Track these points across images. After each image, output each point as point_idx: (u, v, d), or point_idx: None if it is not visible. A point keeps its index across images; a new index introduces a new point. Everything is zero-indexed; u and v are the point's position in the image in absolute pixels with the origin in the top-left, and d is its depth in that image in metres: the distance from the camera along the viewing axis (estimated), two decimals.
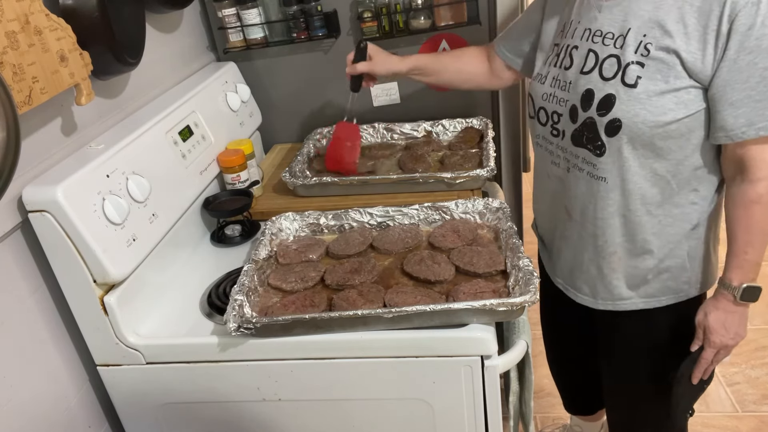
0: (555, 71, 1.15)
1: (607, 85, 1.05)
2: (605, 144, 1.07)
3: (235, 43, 1.73)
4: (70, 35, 1.05)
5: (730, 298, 1.08)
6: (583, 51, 1.09)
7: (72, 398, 1.16)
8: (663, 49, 0.99)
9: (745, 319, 1.10)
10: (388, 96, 1.80)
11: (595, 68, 1.07)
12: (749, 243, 1.04)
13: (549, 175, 1.23)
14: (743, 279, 1.06)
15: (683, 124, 1.02)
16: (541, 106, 1.19)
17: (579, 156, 1.12)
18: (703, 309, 1.13)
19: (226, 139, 1.57)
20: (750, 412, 1.95)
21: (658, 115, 1.01)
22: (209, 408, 1.18)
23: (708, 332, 1.12)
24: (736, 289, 1.07)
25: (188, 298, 1.24)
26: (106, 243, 1.06)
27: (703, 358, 1.14)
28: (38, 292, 1.09)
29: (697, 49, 0.97)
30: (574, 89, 1.10)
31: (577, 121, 1.10)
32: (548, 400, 2.09)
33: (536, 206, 1.37)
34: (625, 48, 1.03)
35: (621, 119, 1.03)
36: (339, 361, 1.09)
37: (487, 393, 1.09)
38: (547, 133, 1.19)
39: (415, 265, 1.19)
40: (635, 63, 1.02)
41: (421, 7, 1.66)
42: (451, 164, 1.55)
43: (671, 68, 0.99)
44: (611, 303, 1.22)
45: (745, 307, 1.09)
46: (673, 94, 1.00)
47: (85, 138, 1.21)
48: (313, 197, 1.51)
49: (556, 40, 1.18)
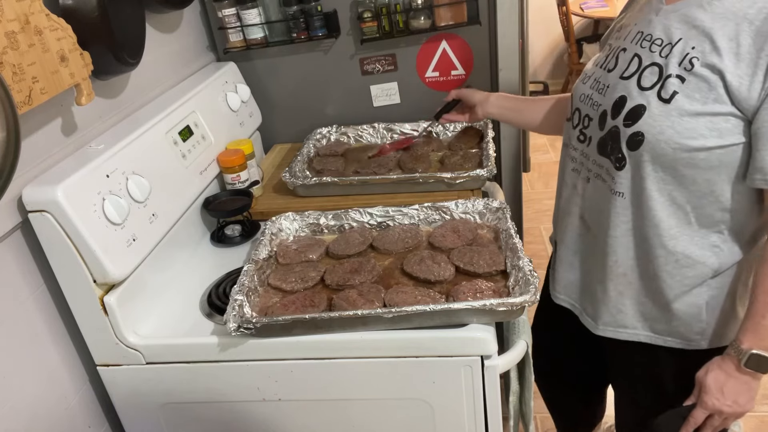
0: (599, 72, 1.07)
1: (641, 95, 0.96)
2: (626, 157, 0.99)
3: (235, 43, 1.73)
4: (70, 35, 1.05)
5: (734, 362, 0.97)
6: (629, 54, 1.01)
7: (72, 398, 1.16)
8: (708, 67, 0.89)
9: (750, 389, 0.98)
10: (388, 96, 1.80)
11: (635, 75, 0.98)
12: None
13: (567, 182, 1.16)
14: (753, 344, 0.94)
15: (714, 154, 0.91)
16: (576, 107, 1.12)
17: (603, 166, 1.05)
18: (707, 366, 1.02)
19: (226, 139, 1.57)
20: (750, 412, 1.95)
21: (686, 137, 0.91)
22: (209, 408, 1.18)
23: (703, 391, 1.01)
24: (742, 354, 0.95)
25: (188, 298, 1.24)
26: (106, 243, 1.06)
27: (691, 416, 1.04)
28: (38, 292, 1.09)
29: (745, 74, 0.86)
30: (610, 93, 1.02)
31: (604, 128, 1.03)
32: None
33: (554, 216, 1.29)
34: (670, 58, 0.94)
35: (645, 134, 0.95)
36: (339, 361, 1.09)
37: (487, 393, 1.09)
38: (575, 137, 1.12)
39: (415, 265, 1.19)
40: (676, 76, 0.92)
41: (421, 7, 1.66)
42: (451, 164, 1.55)
43: (712, 89, 0.89)
44: (612, 330, 1.14)
45: (751, 376, 0.97)
46: (708, 118, 0.90)
47: (85, 138, 1.21)
48: (313, 197, 1.51)
49: (611, 40, 1.11)
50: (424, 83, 1.78)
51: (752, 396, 0.99)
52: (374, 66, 1.76)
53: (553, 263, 1.30)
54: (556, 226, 1.28)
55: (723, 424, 1.04)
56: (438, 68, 1.75)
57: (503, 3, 1.64)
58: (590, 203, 1.11)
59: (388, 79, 1.78)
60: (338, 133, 1.77)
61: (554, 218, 1.30)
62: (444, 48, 1.72)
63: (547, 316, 1.41)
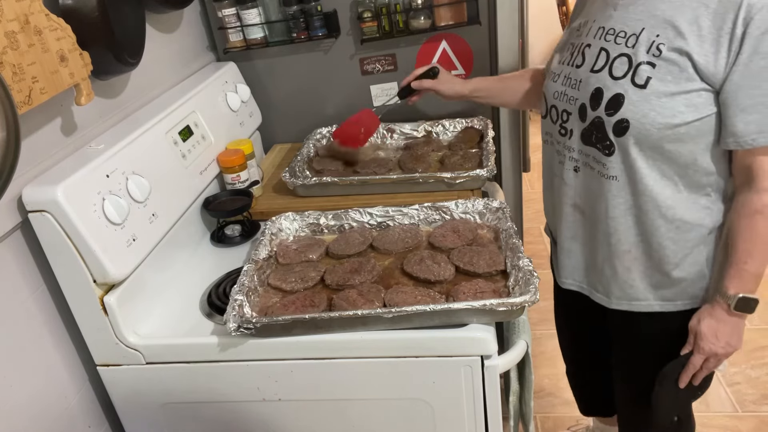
0: (567, 69, 1.15)
1: (616, 84, 1.04)
2: (614, 144, 1.06)
3: (235, 43, 1.73)
4: (70, 35, 1.05)
5: (724, 307, 1.07)
6: (595, 49, 1.09)
7: (72, 398, 1.16)
8: (675, 51, 0.98)
9: (739, 329, 1.09)
10: (388, 96, 1.80)
11: (606, 67, 1.06)
12: (749, 253, 1.03)
13: (556, 174, 1.23)
14: (740, 289, 1.04)
15: (693, 127, 1.00)
16: (552, 104, 1.19)
17: (590, 155, 1.12)
18: (698, 315, 1.12)
19: (226, 139, 1.57)
20: (750, 412, 1.95)
21: (667, 117, 1.00)
22: (209, 408, 1.18)
23: (698, 338, 1.11)
24: (731, 298, 1.05)
25: (188, 298, 1.24)
26: (106, 243, 1.06)
27: (690, 363, 1.13)
28: (38, 292, 1.09)
29: (710, 52, 0.96)
30: (584, 87, 1.09)
31: (586, 120, 1.10)
32: (548, 400, 2.09)
33: (546, 206, 1.36)
34: (637, 47, 1.02)
35: (629, 120, 1.02)
36: (339, 361, 1.09)
37: (487, 393, 1.09)
38: (556, 131, 1.19)
39: (415, 265, 1.19)
40: (646, 63, 1.01)
41: (421, 7, 1.66)
42: (451, 164, 1.55)
43: (683, 70, 0.98)
44: (626, 303, 1.20)
45: (740, 317, 1.07)
46: (683, 96, 0.99)
47: (85, 138, 1.21)
48: (313, 197, 1.51)
49: (572, 39, 1.18)
50: None
51: (741, 335, 1.10)
52: (374, 66, 1.76)
53: (553, 252, 1.37)
54: (549, 217, 1.35)
55: (716, 365, 1.13)
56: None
57: (503, 3, 1.64)
58: (582, 191, 1.17)
59: (388, 79, 1.78)
60: None
61: (546, 211, 1.36)
62: (444, 48, 1.72)
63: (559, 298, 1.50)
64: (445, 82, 1.50)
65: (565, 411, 2.02)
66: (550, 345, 2.28)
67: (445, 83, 1.50)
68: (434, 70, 1.51)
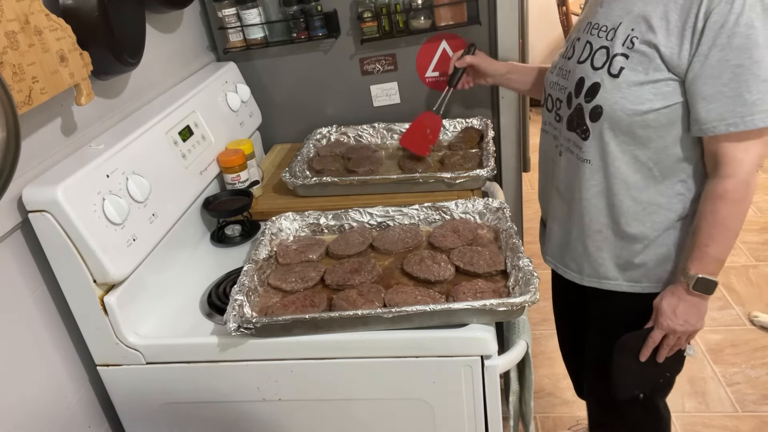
0: (561, 61, 1.24)
1: (595, 74, 1.12)
2: (589, 129, 1.13)
3: (235, 43, 1.73)
4: (70, 35, 1.05)
5: (684, 286, 1.12)
6: (582, 42, 1.18)
7: (72, 398, 1.16)
8: (645, 43, 1.05)
9: (698, 309, 1.13)
10: (388, 96, 1.80)
11: (589, 58, 1.14)
12: (711, 237, 1.07)
13: (551, 159, 1.30)
14: (700, 270, 1.09)
15: (662, 114, 1.06)
16: (549, 93, 1.28)
17: (570, 140, 1.20)
18: (662, 293, 1.17)
19: (226, 139, 1.57)
20: (750, 412, 1.95)
21: (636, 104, 1.06)
22: (209, 408, 1.18)
23: (659, 314, 1.16)
24: (690, 278, 1.10)
25: (188, 298, 1.24)
26: (106, 243, 1.06)
27: (650, 337, 1.19)
28: (38, 292, 1.09)
29: (675, 44, 1.02)
30: (571, 77, 1.18)
31: (571, 107, 1.18)
32: (548, 400, 2.09)
33: (539, 193, 1.42)
34: (615, 40, 1.10)
35: (602, 106, 1.10)
36: (339, 361, 1.09)
37: (487, 393, 1.09)
38: (552, 119, 1.27)
39: (415, 265, 1.19)
40: (620, 54, 1.08)
41: (421, 7, 1.66)
42: (451, 164, 1.55)
43: (651, 61, 1.05)
44: (596, 281, 1.27)
45: (700, 298, 1.12)
46: (651, 85, 1.05)
47: (85, 138, 1.21)
48: (313, 197, 1.51)
49: (572, 35, 1.26)
50: (424, 83, 1.78)
51: (701, 316, 1.15)
52: (374, 66, 1.76)
53: (542, 233, 1.45)
54: (542, 202, 1.42)
55: (678, 343, 1.18)
56: (438, 68, 1.75)
57: (503, 3, 1.64)
58: (564, 174, 1.24)
59: (388, 79, 1.78)
60: (338, 133, 1.77)
61: (539, 196, 1.43)
62: (444, 48, 1.72)
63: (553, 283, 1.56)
64: (485, 59, 1.55)
65: (565, 411, 2.03)
66: (550, 345, 2.28)
67: (485, 59, 1.55)
68: (473, 47, 1.56)
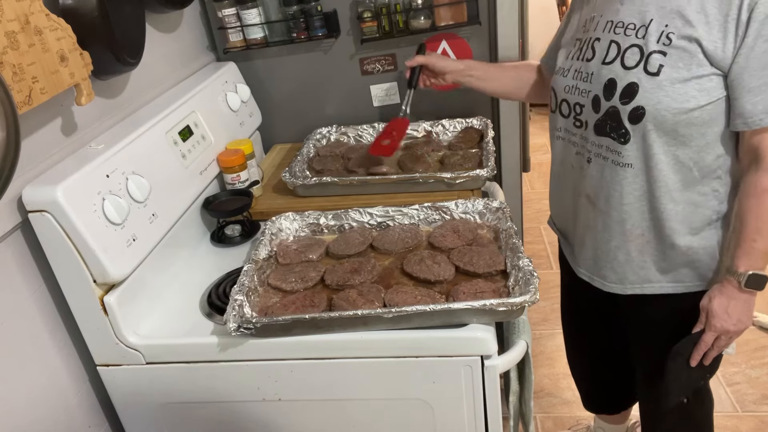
0: (577, 64, 1.18)
1: (629, 73, 1.07)
2: (629, 132, 1.09)
3: (235, 43, 1.73)
4: (70, 35, 1.05)
5: (735, 284, 1.09)
6: (605, 43, 1.13)
7: (72, 398, 1.16)
8: (685, 38, 1.02)
9: (750, 307, 1.11)
10: (388, 96, 1.80)
11: (617, 58, 1.09)
12: (758, 231, 1.05)
13: (573, 166, 1.24)
14: (749, 266, 1.07)
15: (705, 111, 1.04)
16: (563, 98, 1.22)
17: (603, 145, 1.15)
18: (709, 294, 1.14)
19: (226, 139, 1.57)
20: (750, 412, 1.95)
21: (681, 102, 1.03)
22: (209, 408, 1.18)
23: (710, 316, 1.13)
24: (741, 276, 1.08)
25: (188, 298, 1.24)
26: (106, 243, 1.06)
27: (702, 340, 1.15)
28: (38, 292, 1.09)
29: (718, 38, 1.00)
30: (597, 79, 1.13)
31: (600, 110, 1.13)
32: (548, 400, 2.09)
33: (554, 201, 1.38)
34: (648, 38, 1.06)
35: (644, 107, 1.06)
36: (339, 361, 1.09)
37: (487, 393, 1.09)
38: (570, 125, 1.22)
39: (415, 265, 1.19)
40: (657, 52, 1.05)
41: (421, 7, 1.66)
42: (451, 164, 1.55)
43: (693, 56, 1.02)
44: (639, 287, 1.23)
45: (750, 294, 1.10)
46: (695, 81, 1.03)
47: (85, 138, 1.21)
48: (313, 197, 1.51)
49: (578, 35, 1.22)
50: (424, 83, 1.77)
51: (752, 313, 1.12)
52: (374, 66, 1.76)
53: (564, 245, 1.39)
54: (557, 210, 1.38)
55: (728, 343, 1.15)
56: None
57: (503, 3, 1.64)
58: (594, 181, 1.19)
59: (388, 79, 1.78)
60: (338, 133, 1.77)
61: (553, 204, 1.38)
62: (444, 48, 1.72)
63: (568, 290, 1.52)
64: (437, 57, 1.48)
65: (565, 411, 2.03)
66: (550, 345, 2.28)
67: (437, 57, 1.48)
68: (423, 47, 1.50)
